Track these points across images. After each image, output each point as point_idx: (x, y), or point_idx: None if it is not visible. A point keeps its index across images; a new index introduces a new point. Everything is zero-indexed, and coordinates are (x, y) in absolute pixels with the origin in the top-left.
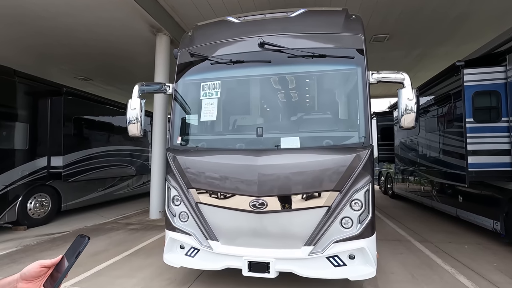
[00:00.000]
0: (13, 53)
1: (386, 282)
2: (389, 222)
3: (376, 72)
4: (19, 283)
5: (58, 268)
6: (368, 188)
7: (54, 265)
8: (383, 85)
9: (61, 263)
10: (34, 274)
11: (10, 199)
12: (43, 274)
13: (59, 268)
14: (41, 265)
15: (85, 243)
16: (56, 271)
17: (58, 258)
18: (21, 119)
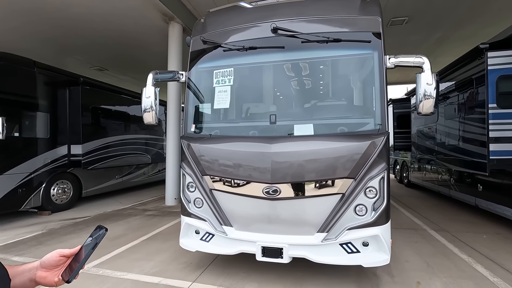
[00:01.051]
0: (32, 45)
1: (400, 270)
2: (404, 211)
3: (393, 56)
4: (38, 271)
5: (76, 258)
6: (383, 176)
7: (72, 255)
8: (400, 71)
9: (79, 253)
10: (53, 263)
11: (34, 185)
12: (61, 263)
13: (77, 258)
14: (61, 254)
15: (103, 235)
16: (74, 261)
17: (77, 249)
18: (42, 109)
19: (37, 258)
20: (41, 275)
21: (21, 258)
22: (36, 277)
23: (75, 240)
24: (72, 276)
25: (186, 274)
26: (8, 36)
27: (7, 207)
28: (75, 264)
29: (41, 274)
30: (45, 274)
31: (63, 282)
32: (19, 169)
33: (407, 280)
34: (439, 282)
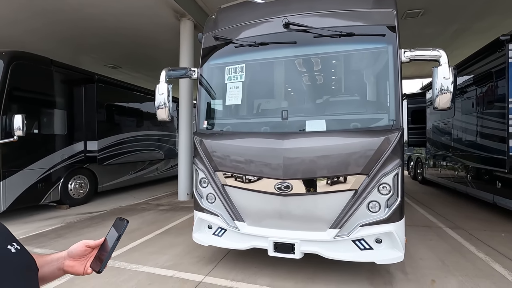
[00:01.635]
0: (51, 46)
1: (414, 267)
2: (418, 208)
3: (409, 50)
4: (66, 261)
5: (102, 249)
6: (398, 172)
7: (97, 246)
8: (415, 65)
9: (104, 244)
10: (80, 253)
11: (53, 180)
12: (87, 254)
13: (103, 249)
14: (86, 244)
15: (125, 226)
16: (100, 252)
17: (101, 240)
18: (59, 106)
19: (57, 250)
20: (69, 264)
21: (42, 250)
22: (64, 266)
23: (92, 233)
24: (102, 267)
25: (199, 268)
26: (28, 37)
27: (28, 201)
28: (102, 254)
29: (69, 263)
30: (72, 263)
31: (92, 272)
32: (39, 164)
33: (421, 278)
34: (455, 280)
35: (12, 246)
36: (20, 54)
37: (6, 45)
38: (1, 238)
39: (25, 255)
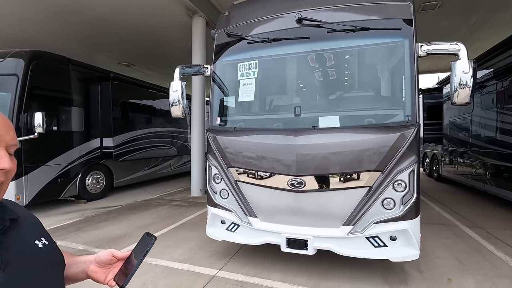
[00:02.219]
0: (69, 46)
1: (429, 266)
2: (434, 205)
3: (426, 44)
4: (91, 265)
5: (128, 262)
6: (413, 169)
7: (123, 258)
8: (431, 59)
9: (130, 258)
10: (105, 260)
11: (72, 175)
12: (112, 263)
13: (128, 263)
14: (113, 254)
15: (152, 243)
16: (125, 265)
17: (128, 253)
18: (76, 104)
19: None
20: (93, 269)
21: (63, 243)
22: (88, 270)
23: (108, 227)
24: (126, 281)
25: (212, 262)
26: (48, 38)
27: (48, 195)
28: (127, 268)
29: (93, 268)
30: (96, 269)
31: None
32: (58, 160)
33: (437, 277)
34: (472, 280)
35: (40, 241)
36: (40, 53)
37: (27, 45)
38: (31, 232)
39: (52, 250)
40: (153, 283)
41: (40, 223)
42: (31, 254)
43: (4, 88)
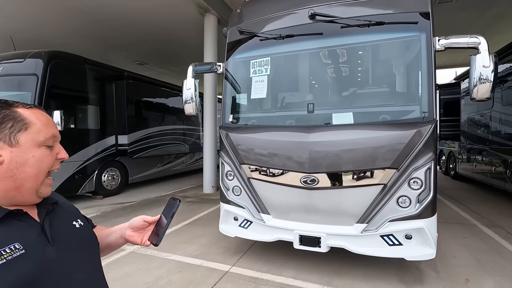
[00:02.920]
0: (86, 46)
1: (446, 265)
2: (450, 204)
3: (444, 38)
4: (127, 230)
5: (158, 225)
6: (430, 167)
7: (154, 222)
8: (449, 54)
9: (160, 221)
10: (138, 225)
11: (88, 172)
12: (144, 227)
13: (159, 225)
14: (144, 219)
15: (177, 205)
16: (157, 227)
17: (157, 217)
18: (92, 102)
19: None
20: (129, 234)
21: None
22: (125, 235)
23: (124, 222)
24: (159, 240)
25: (225, 258)
26: (66, 38)
27: (67, 191)
28: (158, 230)
29: (129, 233)
30: (132, 233)
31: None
32: (76, 157)
33: (454, 277)
34: (492, 280)
35: (77, 222)
36: (57, 53)
37: (46, 46)
38: (70, 215)
39: (87, 230)
40: (168, 277)
41: (74, 207)
42: (70, 233)
43: (24, 87)
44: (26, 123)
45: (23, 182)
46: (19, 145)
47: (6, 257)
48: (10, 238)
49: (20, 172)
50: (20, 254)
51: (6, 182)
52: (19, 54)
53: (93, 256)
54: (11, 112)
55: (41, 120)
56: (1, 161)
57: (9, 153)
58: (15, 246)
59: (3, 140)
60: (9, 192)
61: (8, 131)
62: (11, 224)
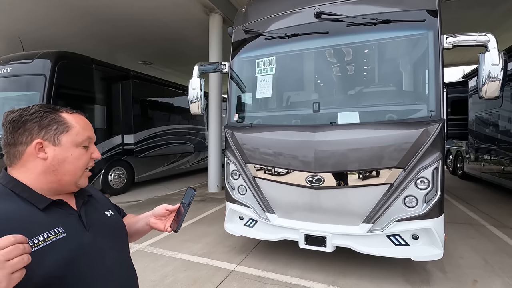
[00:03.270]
0: (91, 45)
1: (454, 266)
2: (458, 204)
3: (451, 36)
4: (151, 218)
5: (178, 212)
6: (437, 166)
7: (174, 210)
8: (456, 51)
9: (179, 209)
10: (161, 213)
11: (96, 171)
12: (166, 215)
13: (179, 213)
14: (165, 208)
15: (193, 195)
16: (177, 215)
17: (177, 206)
18: (99, 102)
19: None
20: (153, 221)
21: None
22: (150, 222)
23: None
24: (178, 227)
25: (231, 257)
26: (73, 39)
27: None
28: (178, 217)
29: (153, 220)
30: (155, 220)
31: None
32: None
33: (461, 277)
34: (500, 281)
35: (108, 212)
36: (65, 54)
37: (53, 46)
38: (102, 206)
39: (117, 219)
40: (174, 276)
41: (107, 199)
42: (103, 221)
43: (33, 87)
44: (67, 126)
45: (63, 177)
46: (61, 145)
47: (51, 238)
48: (55, 223)
49: (61, 168)
50: (62, 237)
51: (49, 176)
52: (28, 55)
53: (121, 241)
54: (56, 116)
55: (80, 124)
56: (46, 158)
57: (53, 151)
58: (58, 230)
59: (49, 140)
60: (52, 184)
61: (53, 133)
62: (55, 212)
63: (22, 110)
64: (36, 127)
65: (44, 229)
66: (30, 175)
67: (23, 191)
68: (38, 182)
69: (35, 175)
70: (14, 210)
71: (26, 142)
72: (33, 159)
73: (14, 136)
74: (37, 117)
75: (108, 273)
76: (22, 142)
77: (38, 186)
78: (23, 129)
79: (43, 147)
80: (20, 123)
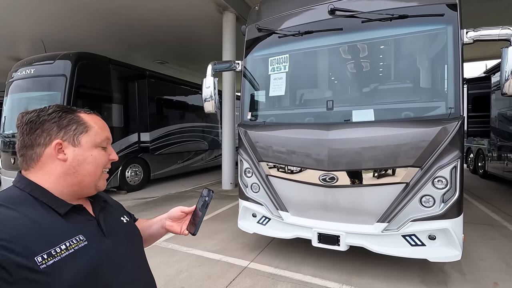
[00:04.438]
0: (108, 46)
1: (473, 268)
2: (478, 204)
3: (472, 30)
4: (167, 221)
5: (195, 215)
6: (456, 165)
7: (190, 212)
8: (477, 46)
9: (196, 211)
10: (176, 216)
11: (113, 168)
12: (182, 218)
13: (195, 215)
14: (181, 210)
15: (211, 196)
16: (193, 217)
17: (193, 208)
18: (117, 101)
19: None
20: (169, 224)
21: None
22: (165, 225)
23: (147, 217)
24: (196, 230)
25: (244, 254)
26: (91, 39)
27: None
28: (195, 220)
29: (169, 223)
30: (171, 223)
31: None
32: None
33: (481, 280)
34: None
35: (124, 218)
36: (84, 54)
37: (73, 47)
38: (117, 211)
39: (132, 225)
40: (188, 271)
41: (120, 204)
42: (119, 227)
43: (54, 87)
44: (86, 126)
45: (84, 178)
46: (80, 145)
47: (73, 247)
48: (76, 230)
49: (81, 169)
50: (84, 245)
51: (69, 178)
52: (49, 56)
53: (138, 247)
54: (75, 116)
55: (98, 124)
56: (66, 159)
57: (72, 152)
58: (80, 237)
59: (68, 141)
60: (72, 187)
61: (72, 133)
62: (74, 218)
63: (39, 111)
64: (55, 127)
65: (66, 237)
66: (49, 178)
67: (43, 195)
68: (58, 186)
69: (55, 177)
70: (35, 216)
71: (45, 143)
72: (52, 161)
73: (31, 138)
74: (56, 117)
75: (129, 281)
76: (40, 143)
77: (58, 190)
78: (41, 129)
79: (62, 148)
80: (38, 123)
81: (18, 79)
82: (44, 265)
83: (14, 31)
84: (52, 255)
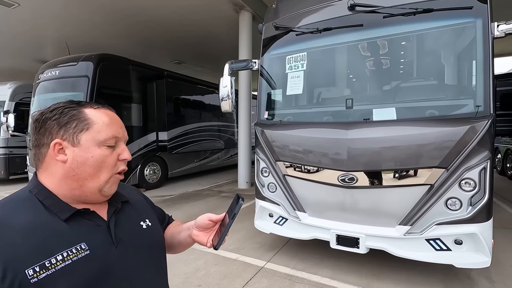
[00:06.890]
0: (127, 47)
1: (503, 275)
2: (508, 208)
3: (504, 23)
4: (194, 230)
5: (222, 224)
6: (485, 167)
7: (219, 221)
8: (508, 39)
9: (224, 219)
10: (203, 225)
11: (133, 166)
12: (210, 227)
13: (223, 224)
14: (209, 218)
15: (240, 205)
16: (220, 227)
17: (222, 216)
18: (136, 101)
19: None
20: (195, 233)
21: None
22: (192, 234)
23: None
24: (218, 244)
25: (260, 254)
26: (111, 41)
27: None
28: (221, 229)
29: (195, 232)
30: (198, 233)
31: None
32: None
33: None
34: None
35: (144, 223)
36: (105, 56)
37: (94, 49)
38: (139, 214)
39: (154, 231)
40: (205, 269)
41: (147, 204)
42: (136, 233)
43: (77, 88)
44: (88, 123)
45: (85, 182)
46: (80, 145)
47: (71, 257)
48: (78, 238)
49: (81, 171)
50: (84, 255)
51: (69, 181)
52: (73, 58)
53: (157, 258)
54: (78, 112)
55: (104, 120)
56: (65, 160)
57: (72, 153)
58: (81, 246)
59: (68, 140)
60: (74, 191)
61: (72, 131)
62: (80, 223)
63: (46, 108)
64: (55, 126)
65: (64, 246)
66: (53, 180)
67: (46, 198)
68: (61, 188)
69: (57, 180)
70: (33, 221)
71: (47, 143)
72: (54, 162)
73: (37, 137)
74: (57, 114)
75: None
76: (44, 143)
77: (62, 193)
78: (44, 128)
79: (62, 148)
80: (41, 122)
81: (44, 80)
82: (35, 279)
83: (40, 33)
84: (45, 267)
